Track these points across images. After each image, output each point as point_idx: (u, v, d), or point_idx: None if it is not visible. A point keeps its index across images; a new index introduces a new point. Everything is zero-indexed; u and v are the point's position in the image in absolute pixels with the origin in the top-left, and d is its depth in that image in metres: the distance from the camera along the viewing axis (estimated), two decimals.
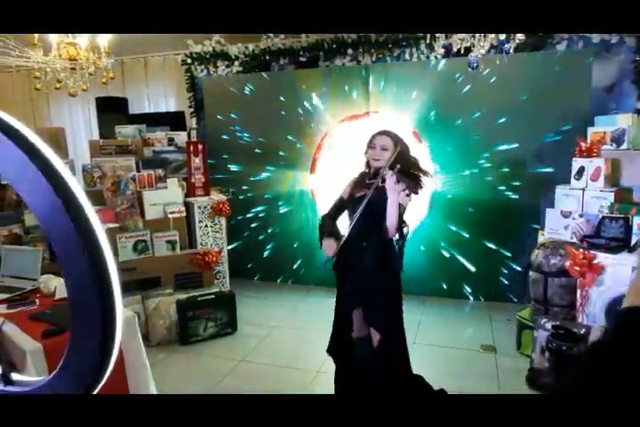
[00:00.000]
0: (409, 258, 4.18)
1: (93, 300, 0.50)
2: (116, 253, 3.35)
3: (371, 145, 2.30)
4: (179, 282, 3.60)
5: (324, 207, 4.46)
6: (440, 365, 3.02)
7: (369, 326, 2.34)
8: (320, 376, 2.92)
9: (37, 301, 2.46)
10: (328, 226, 2.38)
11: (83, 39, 3.67)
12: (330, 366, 3.01)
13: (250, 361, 3.14)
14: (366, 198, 2.17)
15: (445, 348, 3.28)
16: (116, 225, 3.45)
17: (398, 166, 2.20)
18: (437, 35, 3.21)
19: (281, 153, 4.60)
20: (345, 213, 2.42)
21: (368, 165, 2.39)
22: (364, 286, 2.30)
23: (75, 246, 0.47)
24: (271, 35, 4.41)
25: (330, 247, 2.27)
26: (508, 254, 3.99)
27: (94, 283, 0.49)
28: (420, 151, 4.11)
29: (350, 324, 2.42)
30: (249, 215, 4.79)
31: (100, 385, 0.54)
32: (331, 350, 2.54)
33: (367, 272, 2.28)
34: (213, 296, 3.42)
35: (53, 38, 3.61)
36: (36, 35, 3.46)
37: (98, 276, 0.49)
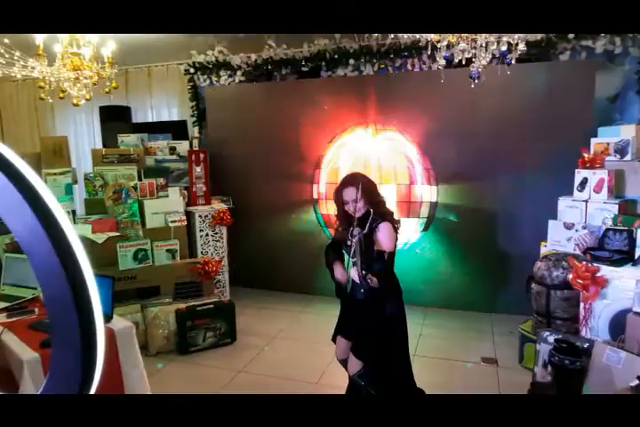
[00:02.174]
0: (410, 268, 4.18)
1: (73, 324, 0.49)
2: (115, 262, 3.34)
3: (343, 201, 2.25)
4: (178, 291, 3.59)
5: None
6: (440, 377, 2.98)
7: (354, 356, 2.29)
8: (319, 388, 2.88)
9: (37, 310, 2.46)
10: (332, 256, 2.36)
11: (87, 49, 3.70)
12: (328, 378, 2.99)
13: (248, 372, 3.11)
14: (352, 249, 2.09)
15: (446, 360, 3.24)
16: (117, 234, 3.45)
17: (372, 215, 2.15)
18: (439, 45, 3.21)
19: (283, 162, 4.59)
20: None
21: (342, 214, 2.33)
22: (351, 323, 2.33)
23: (56, 273, 0.47)
24: (273, 44, 4.43)
25: (343, 275, 2.26)
26: (511, 265, 3.95)
27: (75, 311, 0.48)
28: (424, 162, 4.11)
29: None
30: (250, 224, 4.77)
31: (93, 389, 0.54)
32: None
33: (356, 310, 2.29)
34: (212, 306, 3.40)
35: (58, 49, 3.64)
36: (41, 45, 3.49)
37: (79, 304, 0.48)
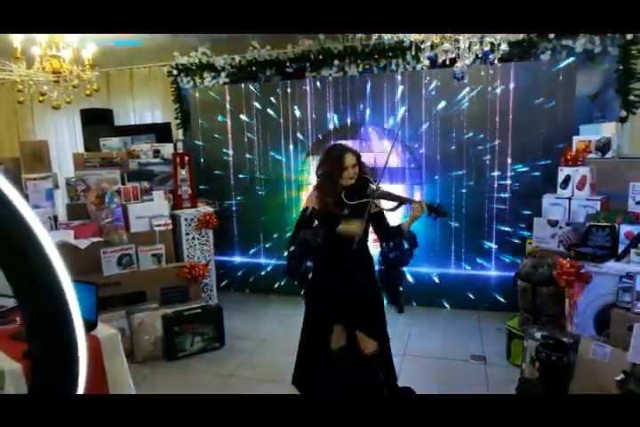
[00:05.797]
0: None
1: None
2: (99, 268, 3.29)
3: (344, 166, 2.28)
4: (165, 296, 3.53)
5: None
6: (430, 376, 2.99)
7: (366, 335, 2.37)
8: None
9: (18, 319, 2.40)
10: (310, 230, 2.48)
11: (67, 52, 3.64)
12: None
13: (237, 376, 3.08)
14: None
15: (435, 359, 3.25)
16: (100, 239, 3.39)
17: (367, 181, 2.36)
18: (423, 46, 3.22)
19: (269, 165, 4.57)
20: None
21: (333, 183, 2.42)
22: (354, 298, 2.37)
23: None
24: (257, 46, 4.40)
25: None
26: (499, 262, 3.98)
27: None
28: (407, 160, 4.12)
29: (329, 336, 2.43)
30: (235, 227, 4.74)
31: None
32: (296, 381, 2.55)
33: (355, 285, 2.39)
34: (200, 310, 3.36)
35: (37, 51, 3.58)
36: (19, 47, 3.42)
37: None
